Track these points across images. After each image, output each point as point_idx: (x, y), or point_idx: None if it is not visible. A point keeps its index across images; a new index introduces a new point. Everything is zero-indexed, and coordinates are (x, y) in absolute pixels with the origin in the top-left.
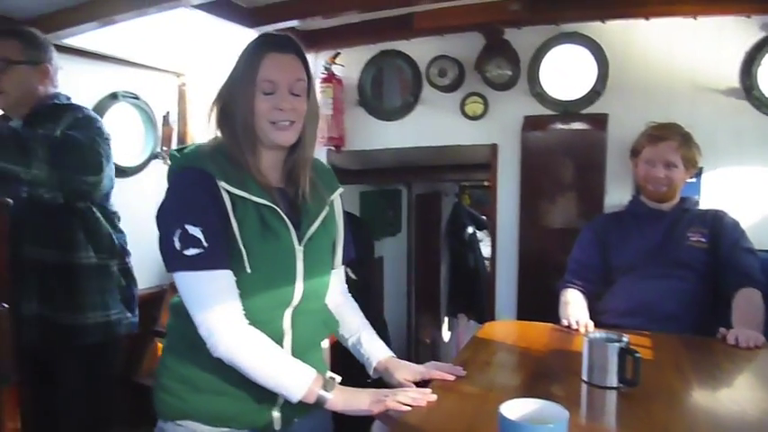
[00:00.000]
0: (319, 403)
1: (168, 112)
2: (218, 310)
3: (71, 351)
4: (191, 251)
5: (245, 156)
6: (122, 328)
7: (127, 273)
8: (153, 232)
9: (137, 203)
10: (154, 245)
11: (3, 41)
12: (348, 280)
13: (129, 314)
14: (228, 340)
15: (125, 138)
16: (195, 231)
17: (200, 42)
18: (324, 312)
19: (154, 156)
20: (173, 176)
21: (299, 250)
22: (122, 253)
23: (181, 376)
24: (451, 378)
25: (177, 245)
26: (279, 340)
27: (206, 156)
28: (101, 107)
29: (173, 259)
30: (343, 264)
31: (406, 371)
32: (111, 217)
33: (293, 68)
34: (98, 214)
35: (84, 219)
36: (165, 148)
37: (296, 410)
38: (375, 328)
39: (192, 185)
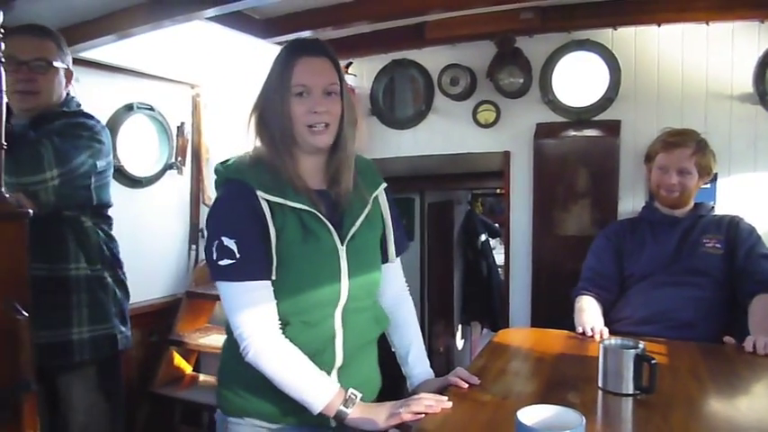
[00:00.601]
0: (338, 418)
1: (183, 123)
2: (250, 317)
3: (67, 371)
4: (224, 261)
5: (284, 161)
6: (119, 343)
7: (121, 284)
8: (168, 242)
9: (152, 214)
10: (169, 254)
11: (41, 41)
12: None
13: (123, 328)
14: (257, 348)
15: (140, 149)
16: (230, 243)
17: (214, 54)
18: (374, 309)
19: (168, 166)
20: (218, 189)
21: (342, 250)
22: (116, 263)
23: (241, 376)
24: (465, 385)
25: (214, 255)
26: (331, 339)
27: (245, 167)
28: (116, 119)
29: (212, 269)
30: (398, 255)
31: (430, 386)
32: (103, 225)
33: (325, 71)
34: (89, 222)
35: (74, 228)
36: (179, 159)
37: None
38: None
39: (231, 198)
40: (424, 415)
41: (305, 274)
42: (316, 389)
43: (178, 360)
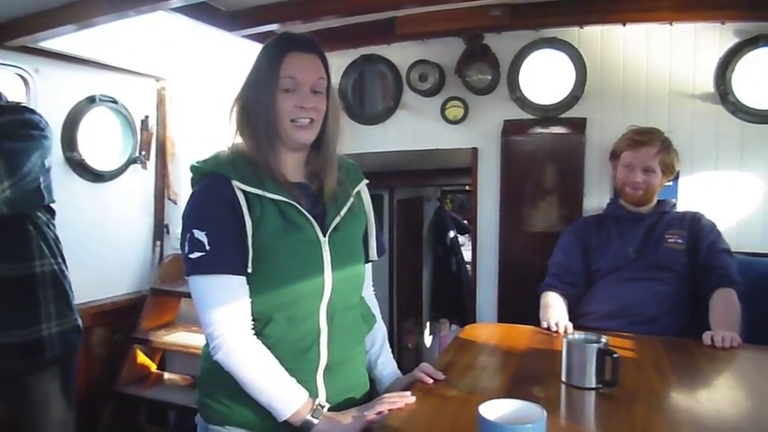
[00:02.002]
0: (305, 427)
1: (147, 117)
2: (221, 315)
3: (36, 368)
4: (195, 254)
5: (265, 155)
6: (82, 334)
7: (66, 277)
8: (132, 238)
9: (115, 209)
10: (133, 250)
11: None
12: None
13: (80, 320)
14: (228, 347)
15: (102, 142)
16: (201, 235)
17: (179, 47)
18: (361, 307)
19: (132, 161)
20: (193, 186)
21: (324, 241)
22: (64, 256)
23: (222, 383)
24: (429, 380)
25: (186, 248)
26: (316, 337)
27: (223, 160)
28: (78, 111)
29: (184, 263)
30: (379, 256)
31: (398, 384)
32: (53, 220)
33: (315, 67)
34: (43, 218)
35: (34, 225)
36: (143, 153)
37: None
38: None
39: (205, 191)
40: (387, 412)
41: (286, 266)
42: (285, 395)
43: (142, 358)
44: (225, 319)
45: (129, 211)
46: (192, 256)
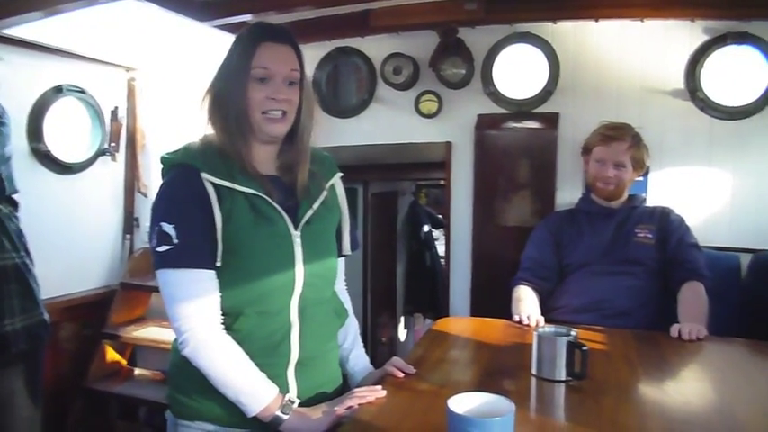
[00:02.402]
0: (274, 423)
1: (117, 108)
2: (189, 309)
3: (2, 366)
4: (162, 248)
5: (236, 147)
6: (48, 329)
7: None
8: (101, 231)
9: (83, 201)
10: (102, 244)
11: None
12: None
13: (46, 314)
14: (196, 342)
15: (70, 133)
16: (168, 228)
17: (150, 36)
18: (333, 301)
19: (101, 152)
20: (163, 177)
21: (296, 235)
22: (28, 249)
23: (192, 377)
24: (400, 374)
25: (154, 242)
26: (287, 331)
27: (192, 151)
28: (44, 101)
29: (152, 257)
30: (353, 250)
31: (370, 379)
32: (16, 212)
33: (288, 59)
34: (5, 210)
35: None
36: (113, 144)
37: None
38: None
39: (174, 183)
40: (357, 407)
41: (257, 259)
42: (254, 390)
43: (112, 354)
44: (193, 313)
45: (98, 203)
46: (159, 249)
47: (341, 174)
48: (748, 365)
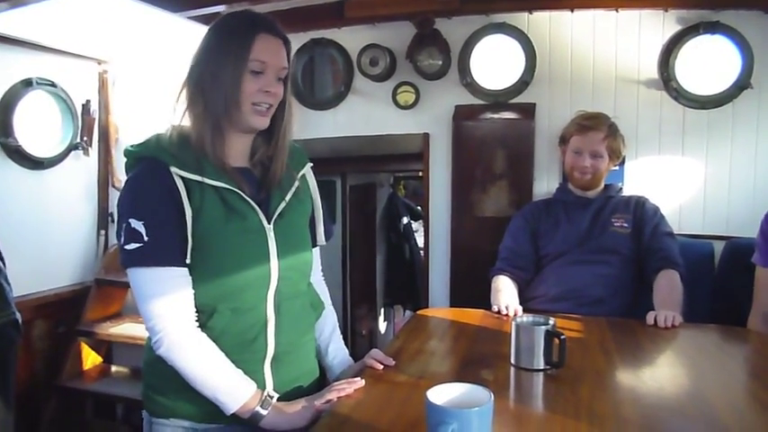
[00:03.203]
0: (253, 420)
1: (89, 101)
2: (162, 308)
3: None
4: (131, 245)
5: (209, 137)
6: (19, 330)
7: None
8: (75, 227)
9: (55, 197)
10: (76, 240)
11: None
12: None
13: (17, 313)
14: (170, 341)
15: (40, 127)
16: (138, 225)
17: (122, 28)
18: (309, 294)
19: (73, 147)
20: (127, 172)
21: (269, 229)
22: None
23: (165, 374)
24: (380, 367)
25: (122, 239)
26: (263, 326)
27: (160, 144)
28: (13, 95)
29: (120, 254)
30: (326, 240)
31: (349, 372)
32: None
33: (281, 54)
34: None
35: None
36: (85, 139)
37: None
38: None
39: (141, 177)
40: (336, 400)
41: (229, 255)
42: (231, 388)
43: (87, 351)
44: (166, 312)
45: (71, 199)
46: (128, 247)
47: (311, 164)
48: (720, 351)
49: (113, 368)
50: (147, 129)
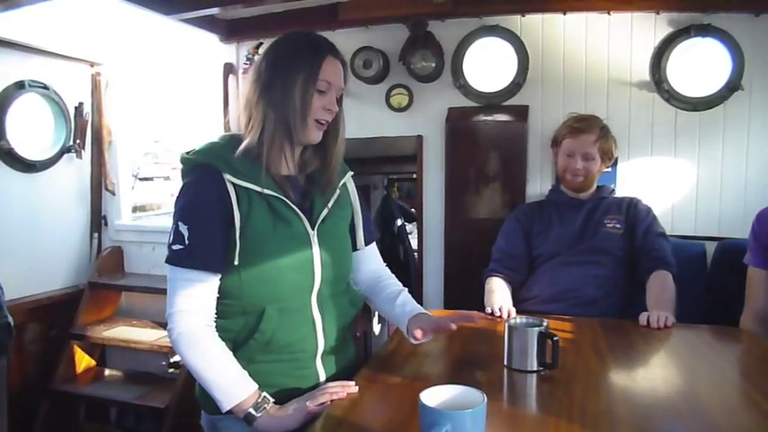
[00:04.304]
0: (247, 420)
1: (82, 104)
2: (184, 301)
3: None
4: (175, 246)
5: (268, 148)
6: (11, 334)
7: None
8: (68, 230)
9: (48, 200)
10: (69, 243)
11: None
12: None
13: (9, 317)
14: (180, 330)
15: (33, 130)
16: (183, 229)
17: (115, 30)
18: (349, 292)
19: (66, 149)
20: (183, 177)
21: (313, 234)
22: None
23: None
24: (454, 327)
25: (170, 238)
26: (312, 326)
27: (215, 151)
28: (5, 97)
29: (167, 250)
30: (368, 244)
31: (419, 323)
32: None
33: (341, 75)
34: None
35: None
36: (78, 141)
37: None
38: None
39: (193, 184)
40: (330, 403)
41: (275, 259)
42: (228, 386)
43: (80, 354)
44: (186, 308)
45: (64, 202)
46: (173, 246)
47: (351, 172)
48: (712, 351)
49: (107, 371)
50: (141, 130)
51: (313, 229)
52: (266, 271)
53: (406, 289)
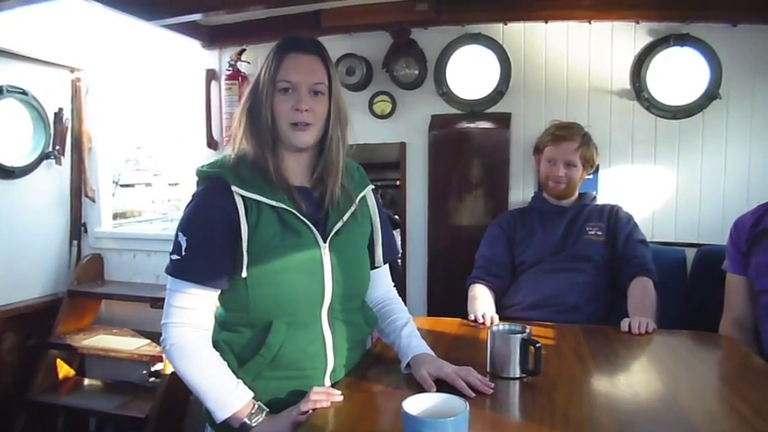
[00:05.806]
0: (242, 430)
1: (61, 109)
2: (179, 313)
3: None
4: (174, 256)
5: (266, 158)
6: None
7: None
8: (46, 237)
9: (26, 206)
10: (48, 250)
11: None
12: None
13: None
14: (173, 342)
15: (11, 136)
16: (182, 240)
17: (96, 36)
18: (364, 310)
19: (45, 156)
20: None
21: (324, 247)
22: None
23: None
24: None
25: (172, 247)
26: (322, 343)
27: (225, 164)
28: None
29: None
30: (386, 261)
31: (427, 366)
32: None
33: (314, 69)
34: None
35: None
36: (58, 148)
37: None
38: None
39: (200, 196)
40: (312, 411)
41: (283, 270)
42: (222, 396)
43: (59, 364)
44: (180, 318)
45: (43, 209)
46: (172, 256)
47: (372, 186)
48: (692, 356)
49: (86, 381)
50: (121, 137)
51: (325, 242)
52: (273, 282)
53: (411, 318)
